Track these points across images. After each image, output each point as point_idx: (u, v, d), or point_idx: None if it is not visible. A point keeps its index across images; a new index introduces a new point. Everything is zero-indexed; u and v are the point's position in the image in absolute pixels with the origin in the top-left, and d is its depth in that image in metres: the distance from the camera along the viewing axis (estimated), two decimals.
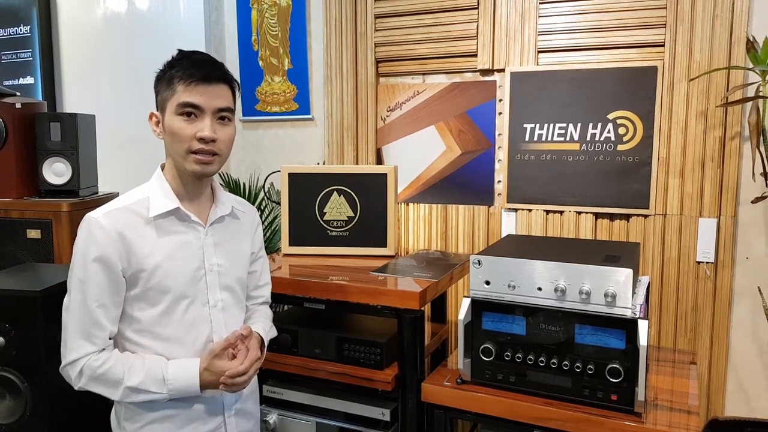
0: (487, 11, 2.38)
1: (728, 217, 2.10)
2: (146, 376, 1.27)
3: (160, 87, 1.32)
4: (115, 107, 3.09)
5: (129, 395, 1.27)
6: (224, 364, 1.31)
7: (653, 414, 1.47)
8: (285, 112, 2.87)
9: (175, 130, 1.28)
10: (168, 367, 1.29)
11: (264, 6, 2.85)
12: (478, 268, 1.61)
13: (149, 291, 1.30)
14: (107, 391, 1.28)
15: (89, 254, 1.26)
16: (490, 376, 1.60)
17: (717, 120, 2.09)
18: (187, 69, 1.27)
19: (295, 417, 1.91)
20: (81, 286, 1.27)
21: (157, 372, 1.28)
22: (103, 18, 3.13)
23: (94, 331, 1.27)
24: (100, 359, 1.27)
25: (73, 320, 1.28)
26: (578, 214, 2.31)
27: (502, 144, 2.42)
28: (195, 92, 1.27)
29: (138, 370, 1.27)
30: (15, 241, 2.37)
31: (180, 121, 1.28)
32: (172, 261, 1.32)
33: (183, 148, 1.29)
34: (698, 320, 2.17)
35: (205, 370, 1.30)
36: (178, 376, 1.29)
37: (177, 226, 1.35)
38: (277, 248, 2.76)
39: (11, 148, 2.39)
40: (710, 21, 2.07)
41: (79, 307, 1.27)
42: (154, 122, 1.34)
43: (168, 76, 1.29)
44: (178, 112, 1.27)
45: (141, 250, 1.29)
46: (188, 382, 1.30)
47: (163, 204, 1.33)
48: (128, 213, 1.31)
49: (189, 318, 1.35)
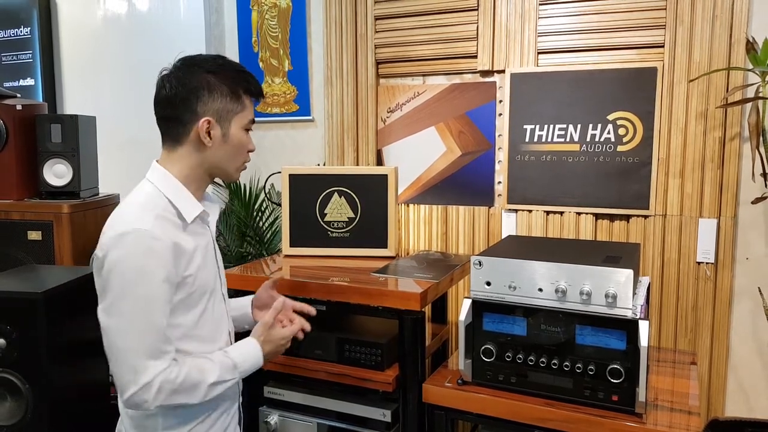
0: (487, 12, 2.38)
1: (728, 217, 2.11)
2: (220, 369, 1.30)
3: (220, 97, 1.28)
4: (116, 108, 3.09)
5: (209, 392, 1.28)
6: (279, 332, 1.42)
7: (654, 414, 1.47)
8: (285, 114, 2.87)
9: (243, 144, 1.35)
10: (231, 354, 1.34)
11: (264, 7, 2.85)
12: (478, 268, 1.61)
13: (192, 295, 1.29)
14: (187, 397, 1.25)
15: (154, 271, 1.20)
16: (491, 377, 1.60)
17: (717, 121, 2.09)
18: (255, 87, 1.35)
19: (296, 418, 1.91)
20: (146, 305, 1.20)
21: (226, 361, 1.31)
22: (103, 19, 3.14)
23: (166, 347, 1.23)
24: (175, 371, 1.22)
25: (138, 342, 1.20)
26: (578, 215, 2.31)
27: (502, 145, 2.43)
28: (253, 110, 1.38)
29: (210, 367, 1.29)
30: (16, 242, 2.37)
31: (245, 135, 1.36)
32: (204, 263, 1.33)
33: (242, 160, 1.38)
34: (698, 321, 2.17)
35: (264, 342, 1.38)
36: (244, 356, 1.35)
37: (200, 228, 1.35)
38: (278, 249, 2.76)
39: (12, 150, 2.40)
40: (710, 22, 2.07)
41: (146, 327, 1.20)
42: (206, 130, 1.28)
43: (235, 88, 1.30)
44: (247, 127, 1.35)
45: (185, 256, 1.27)
46: (254, 359, 1.36)
47: (193, 209, 1.31)
48: (165, 220, 1.26)
49: (217, 315, 1.38)
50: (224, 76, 1.29)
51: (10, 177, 2.41)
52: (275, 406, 1.95)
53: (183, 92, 1.27)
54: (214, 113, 1.28)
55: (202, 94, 1.27)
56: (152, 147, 1.38)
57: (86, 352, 1.83)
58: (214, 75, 1.28)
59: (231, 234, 2.86)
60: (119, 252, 1.19)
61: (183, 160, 1.31)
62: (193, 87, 1.27)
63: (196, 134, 1.28)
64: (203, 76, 1.27)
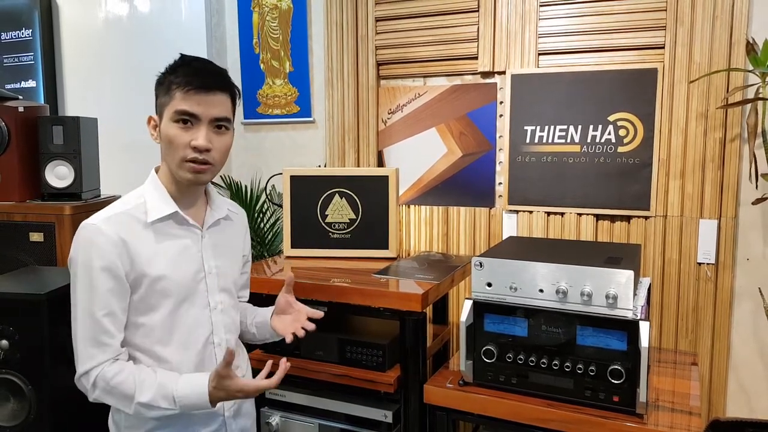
0: (487, 14, 2.39)
1: (729, 218, 2.11)
2: (156, 393, 1.26)
3: (159, 91, 1.32)
4: (117, 110, 3.10)
5: (141, 410, 1.26)
6: (236, 384, 1.27)
7: (655, 415, 1.47)
8: (286, 115, 2.88)
9: (170, 137, 1.28)
10: (178, 384, 1.27)
11: (265, 9, 2.86)
12: (479, 270, 1.61)
13: (152, 295, 1.30)
14: (120, 404, 1.27)
15: (93, 262, 1.25)
16: (492, 378, 1.60)
17: (717, 122, 2.10)
18: (186, 76, 1.27)
19: (298, 419, 1.91)
20: (87, 296, 1.26)
21: (168, 390, 1.26)
22: (105, 21, 3.14)
23: (104, 339, 1.26)
24: (112, 370, 1.25)
25: (82, 330, 1.26)
26: (579, 216, 2.32)
27: (503, 146, 2.43)
28: (192, 100, 1.26)
29: (149, 386, 1.26)
30: (18, 244, 2.38)
31: (176, 128, 1.27)
32: (172, 264, 1.32)
33: (177, 155, 1.29)
34: (699, 321, 2.17)
35: (215, 389, 1.27)
36: (187, 393, 1.27)
37: (175, 229, 1.35)
38: (279, 250, 2.76)
39: (14, 152, 2.40)
40: (710, 23, 2.07)
41: (87, 316, 1.26)
42: (152, 126, 1.34)
43: (167, 81, 1.29)
44: (174, 119, 1.27)
45: (142, 254, 1.29)
46: (198, 399, 1.27)
47: (160, 208, 1.33)
48: (127, 218, 1.30)
49: (191, 321, 1.36)
50: (167, 71, 1.31)
51: (12, 179, 2.41)
52: (277, 407, 1.95)
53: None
54: (157, 109, 1.33)
55: (155, 94, 1.33)
56: (154, 149, 1.39)
57: None
58: (164, 72, 1.32)
59: None
60: (73, 246, 1.28)
61: (162, 160, 1.37)
62: (154, 90, 1.33)
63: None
64: (159, 77, 1.32)
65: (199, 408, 1.29)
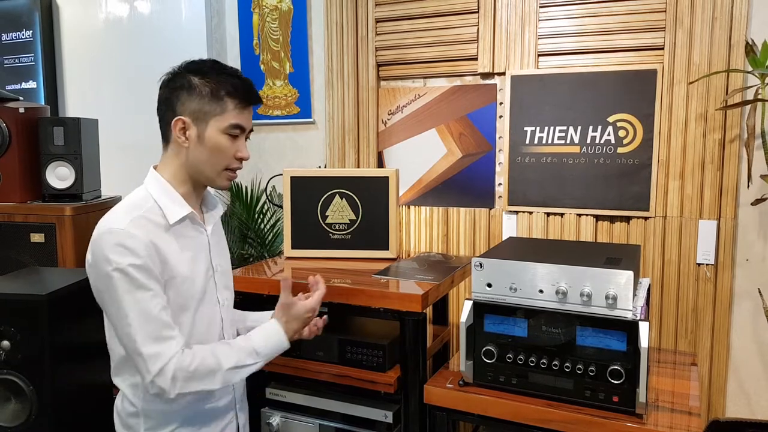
0: (487, 15, 2.39)
1: (728, 219, 2.11)
2: (239, 353, 1.30)
3: (200, 97, 1.29)
4: (117, 111, 3.10)
5: (229, 377, 1.28)
6: (302, 306, 1.40)
7: (654, 415, 1.48)
8: (286, 116, 2.88)
9: (221, 147, 1.31)
10: (252, 339, 1.34)
11: (265, 10, 2.86)
12: (479, 270, 1.62)
13: (179, 297, 1.30)
14: (205, 383, 1.25)
15: (130, 266, 1.21)
16: (492, 378, 1.61)
17: (716, 123, 2.10)
18: (242, 91, 1.31)
19: (298, 419, 1.92)
20: (135, 298, 1.21)
21: (246, 345, 1.32)
22: (105, 22, 3.15)
23: (168, 332, 1.23)
24: (187, 358, 1.23)
25: (141, 333, 1.21)
26: (579, 217, 2.32)
27: (502, 147, 2.43)
28: (243, 115, 1.32)
29: (228, 352, 1.29)
30: (19, 245, 2.38)
31: (226, 139, 1.31)
32: (192, 266, 1.33)
33: (222, 164, 1.33)
34: (699, 322, 2.18)
35: (287, 322, 1.38)
36: (266, 342, 1.34)
37: (189, 230, 1.36)
38: (279, 251, 2.77)
39: (15, 153, 2.40)
40: (709, 24, 2.08)
41: (143, 317, 1.21)
42: (180, 129, 1.30)
43: (216, 90, 1.29)
44: (227, 131, 1.30)
45: (169, 257, 1.28)
46: (276, 342, 1.35)
47: (177, 210, 1.32)
48: (146, 221, 1.28)
49: (207, 319, 1.38)
50: (210, 78, 1.30)
51: (13, 180, 2.42)
52: (277, 407, 1.96)
53: (166, 93, 1.32)
54: (190, 113, 1.29)
55: (181, 94, 1.30)
56: (154, 149, 1.39)
57: (90, 354, 1.83)
58: (199, 76, 1.30)
59: (232, 236, 2.86)
60: (101, 253, 1.22)
61: (170, 161, 1.35)
62: (175, 87, 1.30)
63: (174, 134, 1.32)
64: (186, 77, 1.30)
65: (280, 349, 1.36)
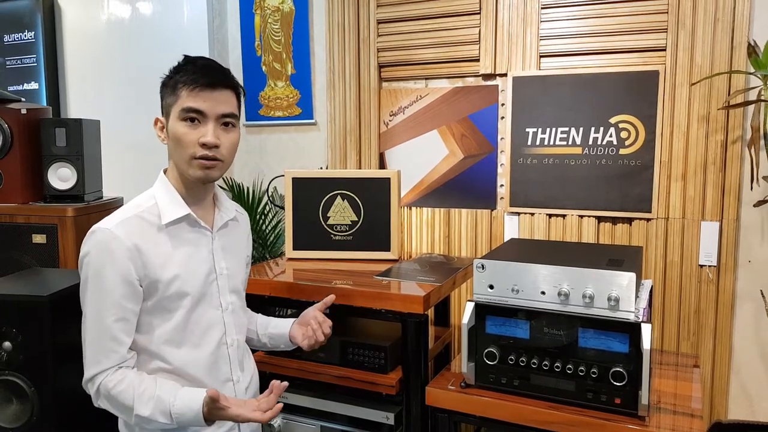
0: (489, 16, 2.39)
1: (730, 220, 2.11)
2: (155, 408, 1.24)
3: (165, 92, 1.32)
4: (119, 112, 3.11)
5: (140, 422, 1.26)
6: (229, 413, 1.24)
7: (657, 417, 1.47)
8: (288, 117, 2.88)
9: (178, 136, 1.28)
10: (176, 399, 1.24)
11: (267, 11, 2.86)
12: (481, 272, 1.62)
13: (166, 299, 1.30)
14: (122, 414, 1.28)
15: (106, 268, 1.23)
16: (494, 380, 1.60)
17: (719, 124, 2.10)
18: (192, 74, 1.28)
19: (300, 421, 1.92)
20: (98, 301, 1.24)
21: (165, 405, 1.24)
22: (107, 23, 3.15)
23: (112, 345, 1.25)
24: (114, 379, 1.24)
25: (90, 335, 1.26)
26: (581, 218, 2.32)
27: (504, 148, 2.43)
28: (199, 98, 1.27)
29: (147, 399, 1.24)
30: (20, 246, 2.38)
31: (183, 126, 1.28)
32: (186, 267, 1.33)
33: (187, 153, 1.29)
34: (701, 323, 2.17)
35: (209, 412, 1.24)
36: (184, 411, 1.24)
37: (188, 232, 1.35)
38: (281, 252, 2.76)
39: (17, 154, 2.41)
40: (711, 25, 2.08)
41: (96, 322, 1.25)
42: (159, 127, 1.35)
43: (173, 81, 1.30)
44: (182, 117, 1.28)
45: (156, 259, 1.28)
46: (194, 418, 1.24)
47: (173, 211, 1.32)
48: (140, 221, 1.29)
49: (204, 322, 1.36)
50: (173, 72, 1.32)
51: (14, 180, 2.42)
52: None
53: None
54: (163, 110, 1.33)
55: (161, 95, 1.34)
56: (155, 150, 1.40)
57: None
58: (170, 73, 1.32)
59: None
60: (85, 249, 1.26)
61: (169, 162, 1.37)
62: (160, 91, 1.34)
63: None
64: (165, 78, 1.33)
65: (196, 425, 1.25)
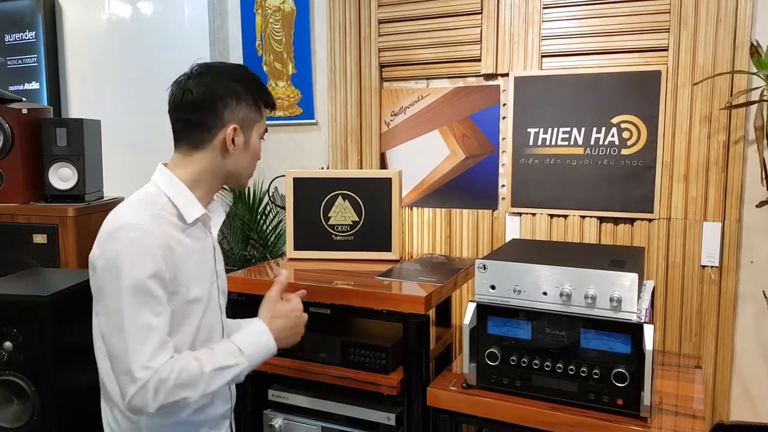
0: (490, 16, 2.38)
1: (733, 221, 2.11)
2: (220, 354, 1.23)
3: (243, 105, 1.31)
4: (120, 112, 3.11)
5: (211, 381, 1.20)
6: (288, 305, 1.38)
7: (659, 418, 1.47)
8: (289, 117, 2.88)
9: (257, 151, 1.40)
10: (234, 338, 1.27)
11: (268, 11, 2.86)
12: (483, 272, 1.61)
13: (185, 304, 1.26)
14: (188, 392, 1.17)
15: (144, 266, 1.16)
16: (496, 381, 1.60)
17: (721, 124, 2.09)
18: (269, 97, 1.39)
19: (301, 421, 1.91)
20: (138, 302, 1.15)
21: (228, 345, 1.25)
22: (108, 23, 3.15)
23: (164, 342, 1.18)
24: (166, 370, 1.15)
25: (133, 340, 1.14)
26: (582, 219, 2.31)
27: (506, 148, 2.43)
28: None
29: (208, 355, 1.22)
30: (21, 245, 2.38)
31: (260, 144, 1.41)
32: (199, 269, 1.31)
33: (253, 167, 1.41)
34: (703, 324, 2.17)
35: (273, 319, 1.33)
36: (249, 340, 1.27)
37: (200, 232, 1.34)
38: (282, 253, 2.76)
39: (17, 154, 2.41)
40: (713, 25, 2.07)
41: (139, 324, 1.15)
42: (232, 136, 1.30)
43: (255, 100, 1.34)
44: (262, 135, 1.40)
45: (181, 260, 1.24)
46: (261, 340, 1.29)
47: (193, 211, 1.29)
48: (163, 219, 1.24)
49: (210, 325, 1.35)
50: (248, 86, 1.33)
51: (15, 180, 2.42)
52: (279, 409, 1.95)
53: (210, 98, 1.28)
54: (239, 121, 1.31)
55: (229, 101, 1.29)
56: (156, 150, 1.39)
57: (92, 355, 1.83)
58: (242, 85, 1.32)
59: (235, 237, 2.86)
60: (112, 248, 1.17)
61: (197, 165, 1.31)
62: (221, 94, 1.29)
63: (220, 140, 1.30)
64: (231, 85, 1.30)
65: (266, 348, 1.30)
